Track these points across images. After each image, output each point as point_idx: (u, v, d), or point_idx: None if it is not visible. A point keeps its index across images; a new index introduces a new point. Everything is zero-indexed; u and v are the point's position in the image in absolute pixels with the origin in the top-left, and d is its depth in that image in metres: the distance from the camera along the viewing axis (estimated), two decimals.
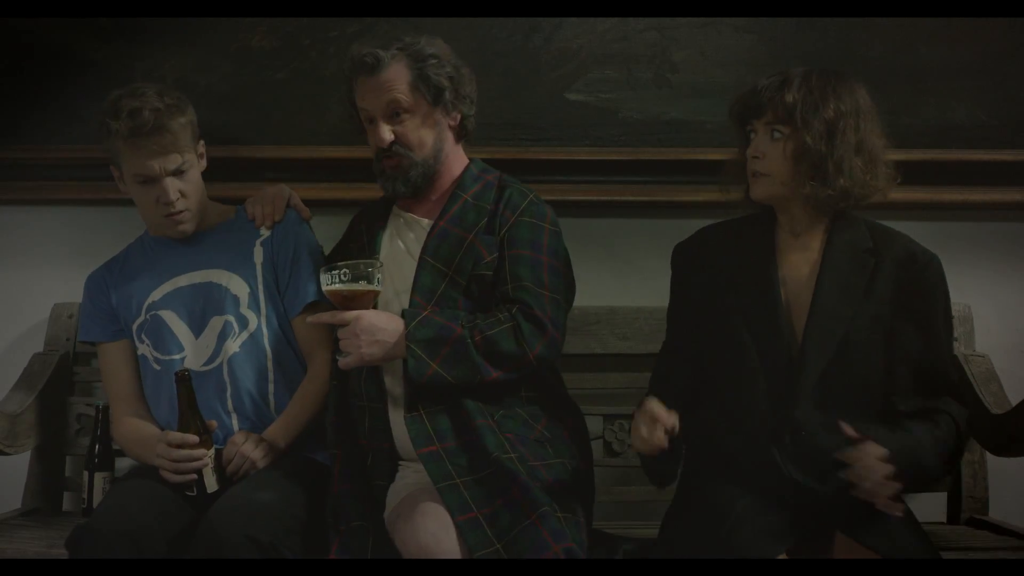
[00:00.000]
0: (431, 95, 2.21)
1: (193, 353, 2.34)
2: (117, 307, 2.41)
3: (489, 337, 2.09)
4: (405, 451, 2.17)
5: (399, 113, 2.21)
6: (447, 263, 2.20)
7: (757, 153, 2.07)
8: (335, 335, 2.24)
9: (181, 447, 2.17)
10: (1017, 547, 2.28)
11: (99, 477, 2.46)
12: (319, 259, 2.39)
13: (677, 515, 2.13)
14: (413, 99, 2.21)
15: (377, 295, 2.12)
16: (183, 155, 2.29)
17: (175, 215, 2.33)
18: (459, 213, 2.24)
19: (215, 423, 2.25)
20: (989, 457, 2.51)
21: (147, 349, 2.38)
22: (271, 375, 2.35)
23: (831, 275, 2.07)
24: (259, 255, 2.39)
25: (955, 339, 2.58)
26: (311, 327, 2.32)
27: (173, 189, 2.29)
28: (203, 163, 2.38)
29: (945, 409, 2.03)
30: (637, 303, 2.66)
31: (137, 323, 2.39)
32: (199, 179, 2.36)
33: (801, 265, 2.10)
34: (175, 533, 2.13)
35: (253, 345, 2.35)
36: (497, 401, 2.15)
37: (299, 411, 2.31)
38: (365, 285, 2.09)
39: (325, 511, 2.15)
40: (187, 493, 2.18)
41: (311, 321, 2.19)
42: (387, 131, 2.21)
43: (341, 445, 2.22)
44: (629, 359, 2.64)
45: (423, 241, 2.23)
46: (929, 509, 2.51)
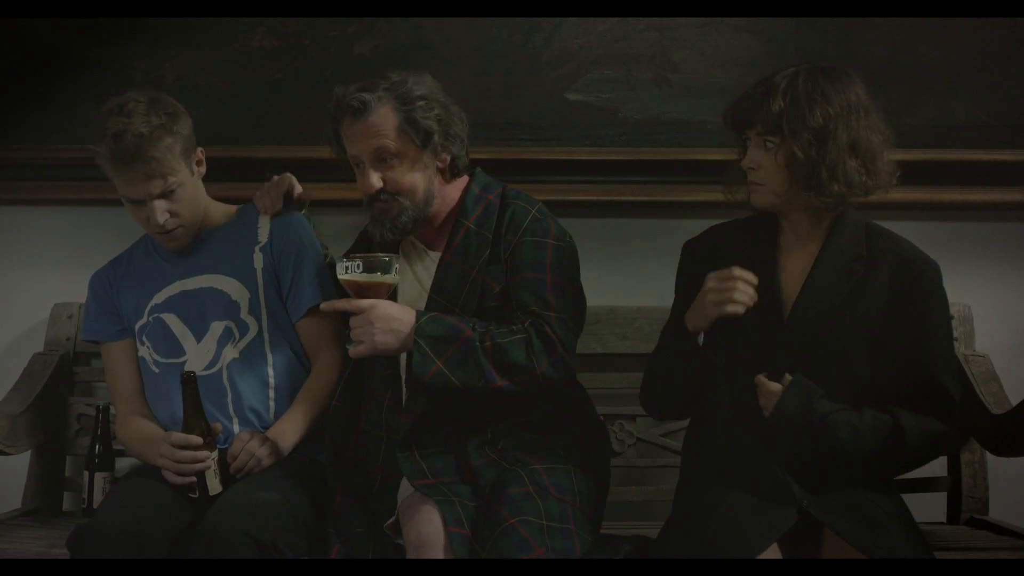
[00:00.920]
0: (419, 139, 2.15)
1: (194, 357, 2.34)
2: (122, 307, 2.41)
3: (500, 345, 2.06)
4: None
5: (387, 158, 2.15)
6: (452, 300, 2.16)
7: (752, 164, 2.05)
8: (341, 333, 2.25)
9: (184, 448, 2.17)
10: (1017, 547, 2.28)
11: (99, 477, 2.47)
12: (321, 260, 2.39)
13: (674, 513, 2.13)
14: (401, 144, 2.14)
15: (392, 287, 2.10)
16: (169, 177, 2.25)
17: (166, 233, 2.32)
18: (463, 245, 2.19)
19: (219, 426, 2.24)
20: (989, 457, 2.51)
21: (147, 351, 2.38)
22: (271, 380, 2.35)
23: (818, 282, 2.06)
24: (259, 260, 2.38)
25: (955, 339, 2.57)
26: (315, 328, 2.32)
27: (161, 211, 2.27)
28: (201, 170, 2.36)
29: (902, 421, 1.97)
30: (637, 303, 2.67)
31: (139, 324, 2.39)
32: (192, 194, 2.32)
33: (798, 268, 2.09)
34: (176, 533, 2.13)
35: (254, 351, 2.35)
36: (505, 423, 2.13)
37: (304, 411, 2.31)
38: (381, 276, 2.07)
39: (326, 520, 2.15)
40: (189, 495, 2.18)
41: (325, 308, 2.14)
42: (376, 178, 2.15)
43: (342, 465, 2.21)
44: (629, 359, 2.64)
45: (432, 274, 2.21)
46: (929, 509, 2.51)
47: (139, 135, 2.20)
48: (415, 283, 2.24)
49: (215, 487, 2.17)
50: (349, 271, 2.07)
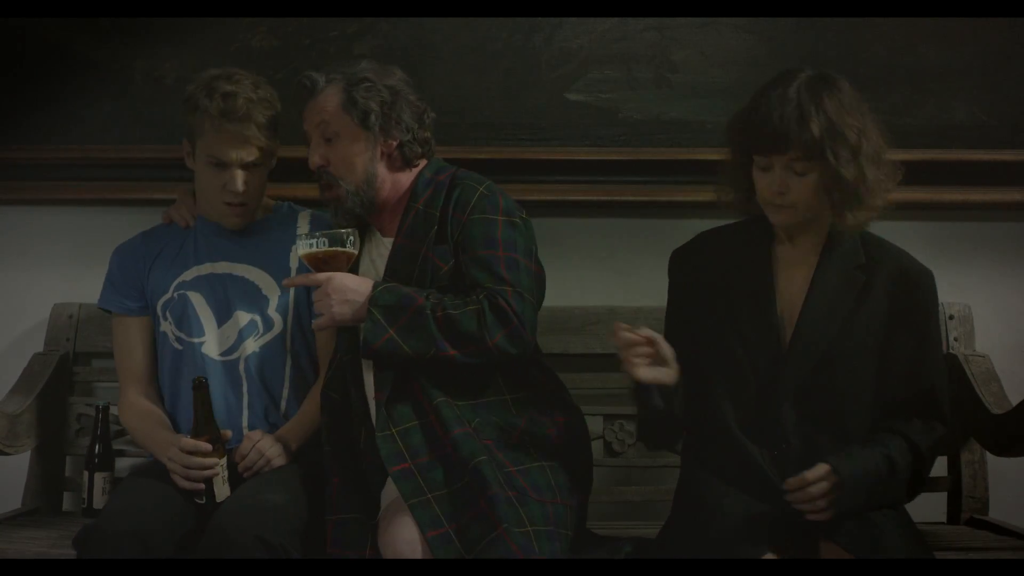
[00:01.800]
0: (358, 118, 2.19)
1: (213, 340, 2.34)
2: (149, 282, 2.40)
3: (451, 315, 2.06)
4: None
5: (331, 137, 2.20)
6: (405, 281, 2.17)
7: (781, 189, 1.99)
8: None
9: (193, 454, 2.17)
10: (1017, 547, 2.28)
11: (99, 477, 2.46)
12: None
13: (675, 514, 2.13)
14: (341, 122, 2.19)
15: (352, 258, 2.14)
16: (261, 150, 2.28)
17: (235, 206, 2.33)
18: (412, 226, 2.21)
19: (229, 433, 2.24)
20: (989, 457, 2.51)
21: (170, 327, 2.37)
22: (287, 380, 2.36)
23: (820, 290, 2.05)
24: (295, 260, 2.37)
25: (955, 339, 2.60)
26: (328, 332, 2.32)
27: (242, 180, 2.29)
28: (272, 163, 2.38)
29: (909, 436, 2.00)
30: (637, 303, 2.66)
31: (163, 299, 2.38)
32: (265, 177, 2.35)
33: (797, 278, 2.08)
34: (182, 533, 2.13)
35: (275, 347, 2.35)
36: (475, 404, 2.13)
37: (313, 414, 2.30)
38: (338, 248, 2.12)
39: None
40: (196, 500, 2.18)
41: (286, 284, 2.22)
42: (317, 155, 2.21)
43: (339, 446, 2.21)
44: None
45: (386, 260, 2.23)
46: (929, 509, 2.51)
47: (250, 99, 2.26)
48: (371, 269, 2.26)
49: (223, 493, 2.17)
50: (307, 246, 2.13)
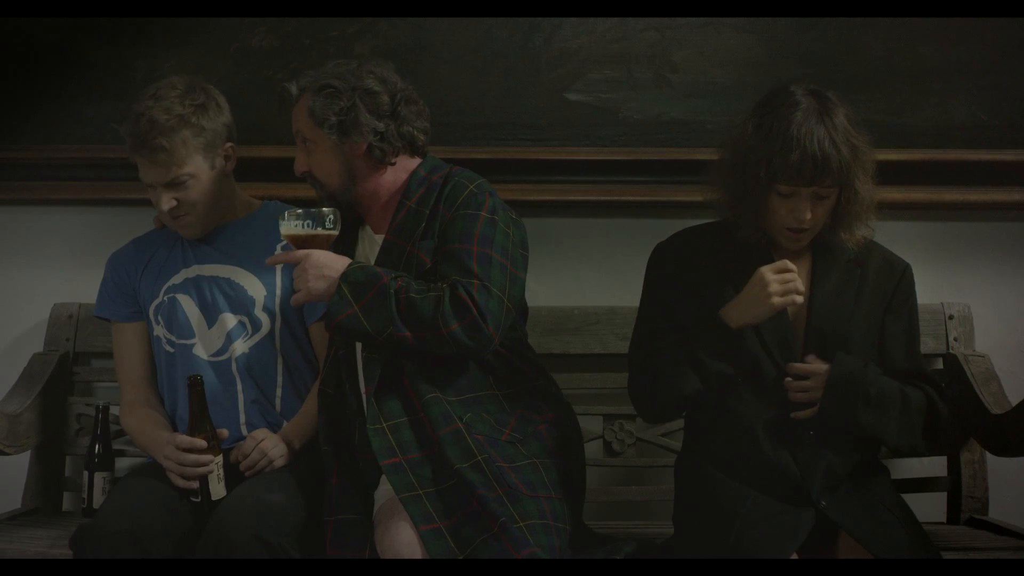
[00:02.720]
0: (323, 127, 2.22)
1: (203, 342, 2.35)
2: (140, 288, 2.41)
3: (412, 299, 2.07)
4: None
5: (307, 143, 2.25)
6: None
7: (804, 217, 2.03)
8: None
9: (189, 451, 2.17)
10: (1017, 547, 2.28)
11: (99, 477, 2.47)
12: None
13: (687, 516, 2.13)
14: (312, 131, 2.23)
15: (331, 239, 2.17)
16: (175, 168, 2.26)
17: (178, 219, 2.33)
18: (402, 223, 2.22)
19: (226, 431, 2.24)
20: (989, 457, 2.51)
21: (162, 331, 2.38)
22: (280, 379, 2.36)
23: (824, 286, 2.11)
24: None
25: (955, 339, 2.61)
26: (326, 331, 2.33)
27: (166, 200, 2.29)
28: (229, 164, 2.37)
29: (925, 388, 2.10)
30: (637, 303, 2.66)
31: (155, 304, 2.39)
32: (211, 185, 2.33)
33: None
34: (179, 533, 2.13)
35: (265, 347, 2.35)
36: (465, 400, 2.14)
37: (314, 413, 2.30)
38: (319, 229, 2.15)
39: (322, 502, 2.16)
40: (192, 499, 2.18)
41: (268, 262, 2.22)
42: (301, 161, 2.27)
43: (336, 444, 2.22)
44: None
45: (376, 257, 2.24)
46: (929, 509, 2.51)
47: (153, 122, 2.23)
48: None
49: (218, 492, 2.17)
50: (288, 225, 2.16)
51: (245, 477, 2.21)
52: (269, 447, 2.23)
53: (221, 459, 2.19)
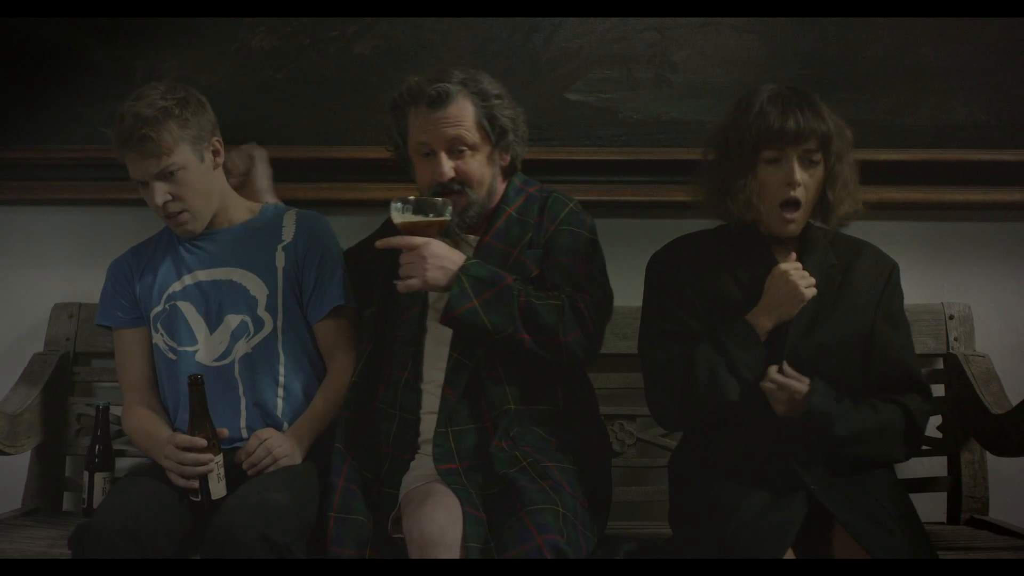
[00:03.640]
0: (495, 135, 2.22)
1: (205, 348, 2.35)
2: (139, 295, 2.41)
3: (533, 303, 2.12)
4: (427, 465, 2.16)
5: (462, 149, 2.21)
6: None
7: (795, 178, 2.06)
8: (357, 337, 2.31)
9: (189, 450, 2.17)
10: (1017, 547, 2.28)
11: (99, 477, 2.47)
12: (342, 261, 2.42)
13: (684, 515, 2.13)
14: (477, 137, 2.21)
15: (444, 225, 2.14)
16: (165, 158, 2.26)
17: (172, 217, 2.33)
18: (504, 228, 2.25)
19: (226, 431, 2.24)
20: (989, 457, 2.51)
21: (161, 339, 2.38)
22: (282, 379, 2.36)
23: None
24: (281, 259, 2.39)
25: (955, 339, 2.61)
26: (333, 330, 2.35)
27: (160, 193, 2.29)
28: (217, 160, 2.38)
29: (904, 403, 2.10)
30: (637, 303, 2.64)
31: (155, 312, 2.39)
32: (202, 179, 2.33)
33: None
34: (179, 532, 2.13)
35: (267, 347, 2.35)
36: (528, 410, 2.16)
37: (321, 412, 2.31)
38: (433, 216, 2.12)
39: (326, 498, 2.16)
40: (192, 498, 2.18)
41: (379, 245, 2.16)
42: (449, 166, 2.20)
43: (354, 444, 2.21)
44: (629, 359, 2.63)
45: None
46: (929, 509, 2.51)
47: (138, 115, 2.24)
48: None
49: (218, 491, 2.17)
50: (403, 212, 2.12)
51: (249, 477, 2.21)
52: (274, 446, 2.23)
53: (221, 458, 2.19)
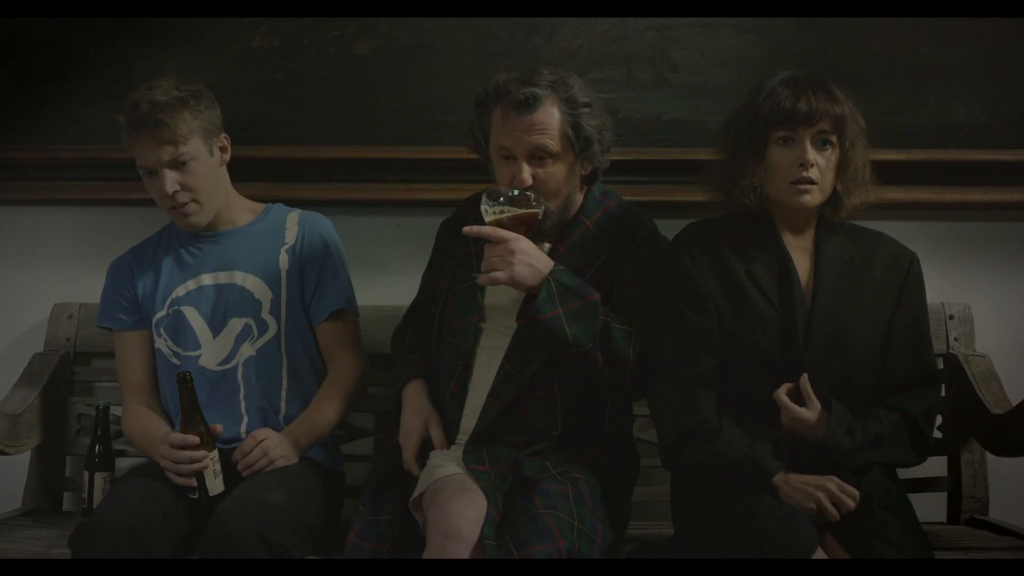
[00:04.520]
0: (579, 145, 2.15)
1: (210, 352, 2.35)
2: (141, 296, 2.41)
3: (611, 325, 2.09)
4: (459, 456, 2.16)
5: (544, 157, 2.13)
6: None
7: (807, 158, 2.05)
8: (359, 339, 2.33)
9: (182, 448, 2.17)
10: (1017, 547, 2.28)
11: (99, 477, 2.46)
12: (346, 263, 2.42)
13: (696, 514, 2.12)
14: (561, 145, 2.13)
15: (536, 216, 2.10)
16: (181, 146, 2.27)
17: (179, 207, 2.32)
18: (580, 242, 2.20)
19: (220, 427, 2.24)
20: (989, 457, 2.51)
21: (164, 344, 2.38)
22: (284, 382, 2.36)
23: (825, 280, 2.11)
24: (285, 262, 2.39)
25: (955, 339, 2.61)
26: (335, 332, 2.35)
27: (171, 181, 2.28)
28: (224, 156, 2.38)
29: (909, 411, 2.09)
30: None
31: (158, 317, 2.39)
32: (210, 172, 2.34)
33: (803, 266, 2.13)
34: (178, 532, 2.14)
35: (270, 350, 2.35)
36: (571, 436, 2.15)
37: (320, 413, 2.31)
38: (525, 210, 2.09)
39: (361, 494, 2.15)
40: (190, 496, 2.18)
41: (467, 232, 2.10)
42: (528, 173, 2.13)
43: (395, 449, 2.20)
44: None
45: None
46: (929, 509, 2.51)
47: (154, 102, 2.26)
48: None
49: (215, 487, 2.17)
50: (496, 208, 2.09)
51: (244, 476, 2.21)
52: (271, 446, 2.23)
53: (216, 454, 2.19)
